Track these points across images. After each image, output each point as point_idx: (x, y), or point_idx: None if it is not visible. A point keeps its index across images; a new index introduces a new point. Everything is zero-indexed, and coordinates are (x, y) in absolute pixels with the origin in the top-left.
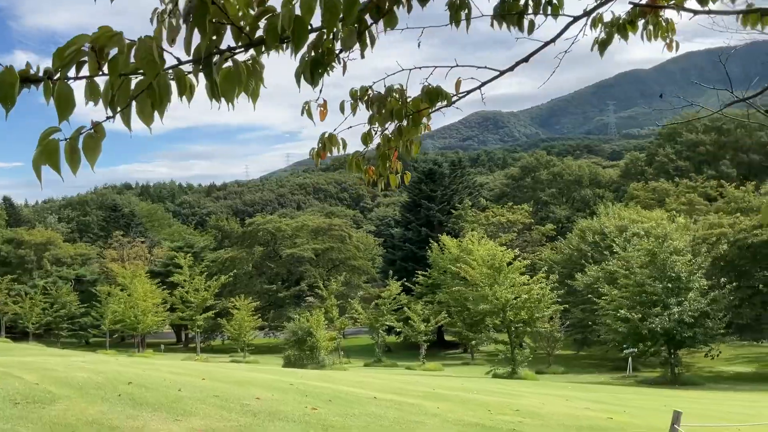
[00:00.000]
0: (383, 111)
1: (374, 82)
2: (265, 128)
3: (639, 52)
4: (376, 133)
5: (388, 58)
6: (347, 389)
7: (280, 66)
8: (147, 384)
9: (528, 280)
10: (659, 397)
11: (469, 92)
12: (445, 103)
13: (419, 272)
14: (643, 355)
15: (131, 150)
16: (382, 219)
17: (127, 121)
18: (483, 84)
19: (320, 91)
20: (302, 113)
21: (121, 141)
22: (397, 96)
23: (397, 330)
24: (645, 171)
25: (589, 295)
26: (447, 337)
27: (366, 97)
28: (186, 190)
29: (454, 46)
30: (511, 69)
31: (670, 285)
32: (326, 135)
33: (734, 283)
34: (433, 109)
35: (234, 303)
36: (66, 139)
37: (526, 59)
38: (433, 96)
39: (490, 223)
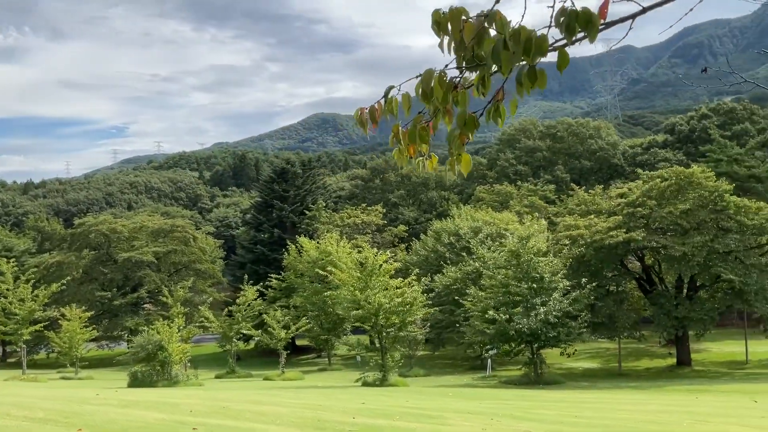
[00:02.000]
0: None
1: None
2: (89, 122)
3: None
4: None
5: None
6: (251, 427)
7: (108, 54)
8: None
9: (400, 283)
10: (563, 404)
11: (618, 22)
12: (582, 35)
13: (273, 275)
14: (507, 355)
15: None
16: (223, 220)
17: None
18: (639, 13)
19: None
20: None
21: None
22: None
23: (255, 337)
24: (486, 175)
25: (452, 296)
26: (299, 342)
27: (456, 24)
28: None
29: None
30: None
31: (534, 286)
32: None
33: (594, 283)
34: (568, 44)
35: (63, 312)
36: None
37: None
38: (575, 23)
39: (345, 224)
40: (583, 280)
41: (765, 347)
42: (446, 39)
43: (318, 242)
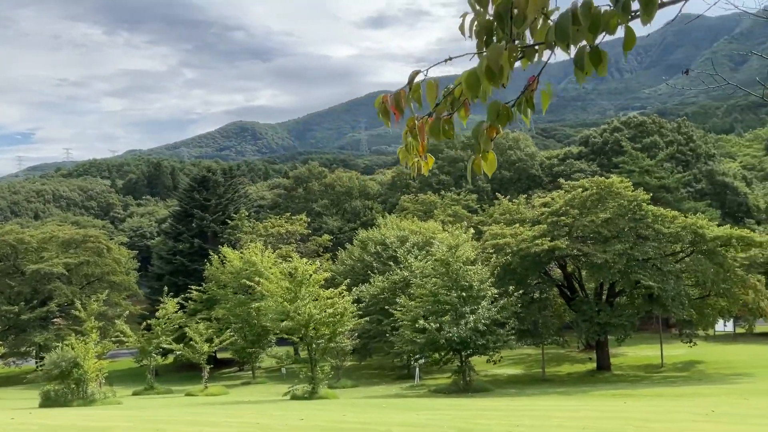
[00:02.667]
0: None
1: None
2: None
3: (388, 74)
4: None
5: None
6: None
7: (14, 57)
8: None
9: (332, 293)
10: (498, 413)
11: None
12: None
13: (193, 287)
14: (437, 364)
15: None
16: (137, 230)
17: None
18: None
19: None
20: None
21: None
22: None
23: (176, 351)
24: (410, 184)
25: (379, 306)
26: (220, 355)
27: None
28: None
29: None
30: None
31: (463, 294)
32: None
33: (520, 291)
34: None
35: None
36: None
37: None
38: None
39: (269, 234)
40: (511, 288)
41: (678, 351)
42: (469, 18)
43: (242, 252)
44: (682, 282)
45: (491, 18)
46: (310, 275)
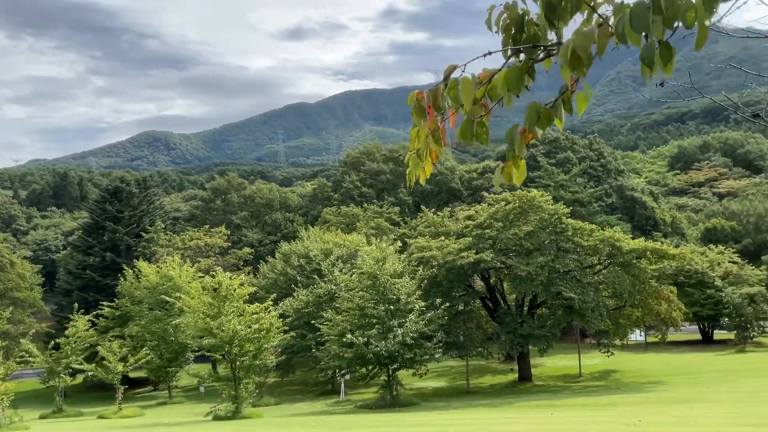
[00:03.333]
0: None
1: None
2: None
3: (306, 86)
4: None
5: None
6: None
7: None
8: None
9: (257, 308)
10: (430, 428)
11: None
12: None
13: (105, 303)
14: (364, 378)
15: None
16: (41, 243)
17: None
18: None
19: None
20: None
21: None
22: None
23: (88, 372)
24: (331, 197)
25: (303, 320)
26: (133, 375)
27: None
28: None
29: None
30: None
31: (391, 307)
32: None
33: (447, 304)
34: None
35: None
36: None
37: None
38: None
39: (186, 247)
40: (438, 300)
41: (594, 360)
42: (497, 11)
43: (158, 266)
44: (600, 293)
45: (521, 12)
46: (234, 290)
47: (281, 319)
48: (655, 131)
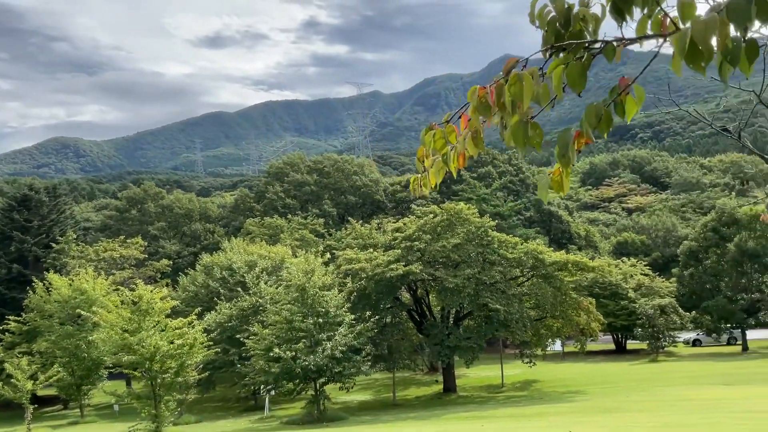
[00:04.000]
0: None
1: None
2: None
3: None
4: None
5: None
6: None
7: None
8: None
9: (181, 323)
10: None
11: None
12: None
13: (11, 318)
14: (290, 393)
15: None
16: None
17: None
18: None
19: None
20: None
21: None
22: None
23: None
24: (254, 207)
25: (226, 334)
26: (41, 393)
27: None
28: None
29: None
30: None
31: (320, 320)
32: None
33: (376, 317)
34: None
35: None
36: None
37: None
38: None
39: (100, 258)
40: (368, 313)
41: (515, 370)
42: (540, 4)
43: (71, 279)
44: (524, 305)
45: (568, 5)
46: (156, 304)
47: (205, 334)
48: None
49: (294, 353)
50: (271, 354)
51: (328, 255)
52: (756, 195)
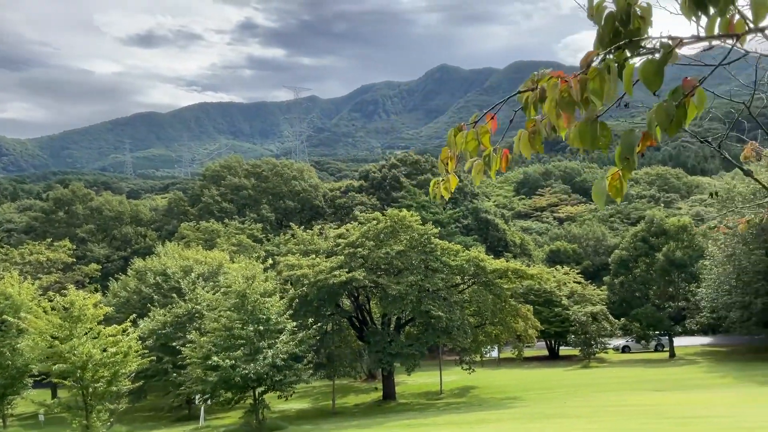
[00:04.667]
0: None
1: None
2: None
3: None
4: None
5: None
6: None
7: None
8: None
9: (115, 330)
10: None
11: None
12: None
13: None
14: (229, 403)
15: None
16: None
17: None
18: None
19: None
20: None
21: None
22: None
23: None
24: (188, 211)
25: (159, 342)
26: None
27: None
28: None
29: None
30: None
31: (261, 328)
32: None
33: (318, 324)
34: None
35: None
36: None
37: None
38: None
39: (26, 261)
40: (310, 320)
41: (451, 377)
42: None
43: None
44: (465, 312)
45: (628, 2)
46: (89, 310)
47: (139, 342)
48: None
49: (233, 361)
50: (209, 362)
51: (270, 260)
52: (679, 207)
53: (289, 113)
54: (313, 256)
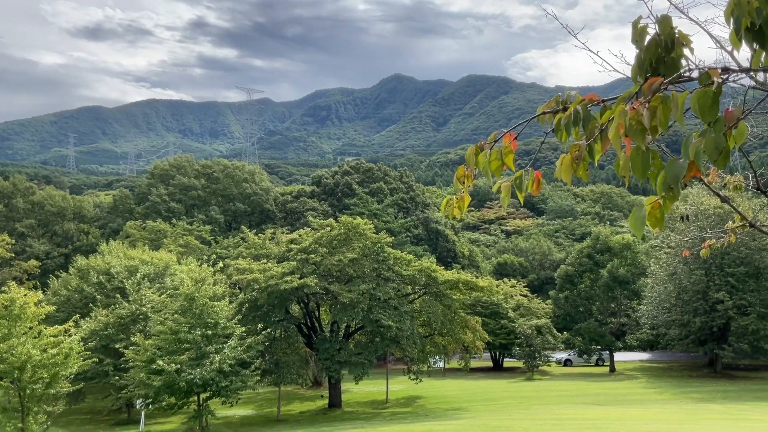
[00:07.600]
0: None
1: None
2: None
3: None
4: None
5: None
6: None
7: None
8: None
9: (56, 330)
10: None
11: None
12: None
13: None
14: (172, 408)
15: None
16: None
17: None
18: None
19: None
20: None
21: None
22: None
23: None
24: (134, 209)
25: (101, 343)
26: None
27: None
28: None
29: None
30: None
31: (209, 332)
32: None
33: (268, 329)
34: None
35: None
36: None
37: None
38: None
39: None
40: (259, 326)
41: (397, 386)
42: (644, 22)
43: None
44: (415, 321)
45: (671, 29)
46: (29, 308)
47: (81, 343)
48: (450, 169)
49: (178, 366)
50: (153, 366)
51: (221, 263)
52: (622, 225)
53: (240, 114)
54: (265, 260)
